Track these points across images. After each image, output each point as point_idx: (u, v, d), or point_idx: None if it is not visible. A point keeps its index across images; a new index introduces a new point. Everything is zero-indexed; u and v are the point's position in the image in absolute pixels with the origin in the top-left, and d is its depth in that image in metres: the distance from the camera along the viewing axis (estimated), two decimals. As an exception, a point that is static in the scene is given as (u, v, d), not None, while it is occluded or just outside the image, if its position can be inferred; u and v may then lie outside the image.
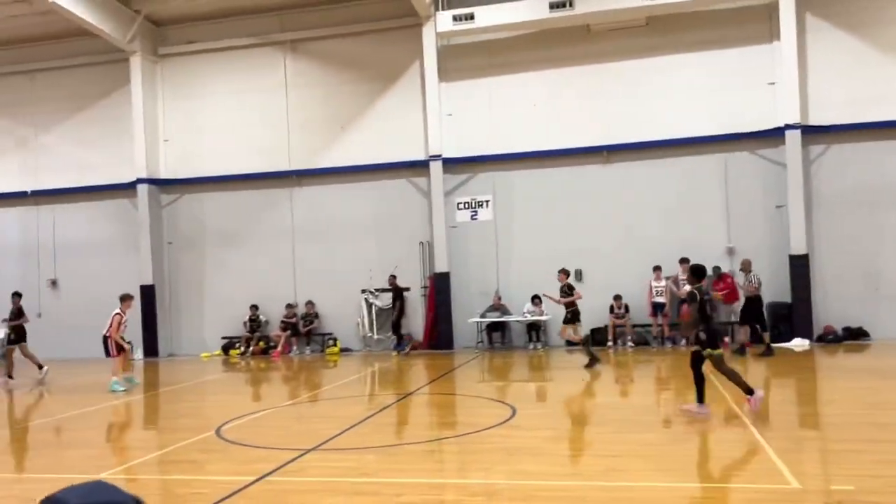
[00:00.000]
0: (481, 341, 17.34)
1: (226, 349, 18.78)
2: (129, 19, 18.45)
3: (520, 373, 13.72)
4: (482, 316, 17.23)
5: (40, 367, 14.75)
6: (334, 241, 18.54)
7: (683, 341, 15.90)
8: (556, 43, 17.32)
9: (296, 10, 18.71)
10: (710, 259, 15.32)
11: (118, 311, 13.10)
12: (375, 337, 17.99)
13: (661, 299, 16.13)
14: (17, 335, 14.89)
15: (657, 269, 16.16)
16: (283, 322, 18.39)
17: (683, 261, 15.46)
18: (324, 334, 18.54)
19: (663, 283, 16.07)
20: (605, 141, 17.01)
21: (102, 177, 19.58)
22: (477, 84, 17.83)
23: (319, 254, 18.61)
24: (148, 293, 18.83)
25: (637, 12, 16.48)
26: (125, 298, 13.29)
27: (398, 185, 18.38)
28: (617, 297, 16.48)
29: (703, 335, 8.27)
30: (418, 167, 18.02)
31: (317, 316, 18.50)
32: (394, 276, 17.43)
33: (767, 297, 15.98)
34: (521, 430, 8.09)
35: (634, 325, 16.63)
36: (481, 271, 17.76)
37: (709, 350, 8.23)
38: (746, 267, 14.29)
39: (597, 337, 16.60)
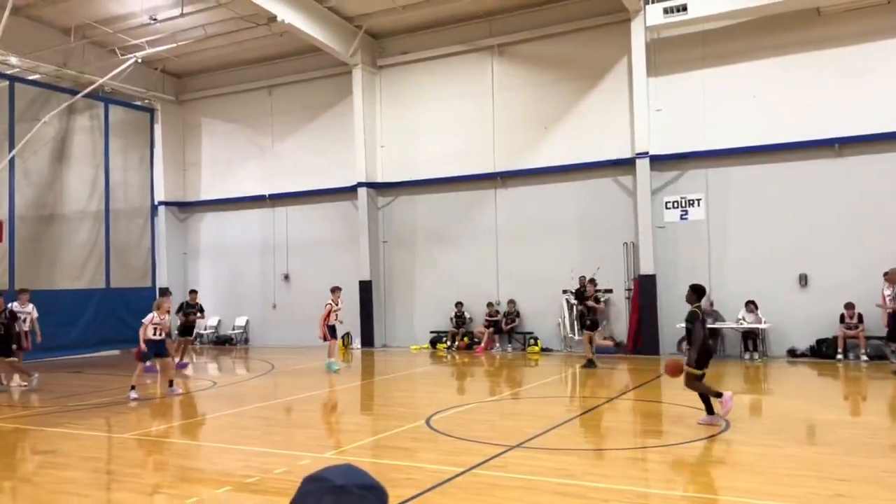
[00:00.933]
0: (690, 347, 16.52)
1: (433, 343, 19.68)
2: (351, 35, 19.98)
3: (734, 383, 12.88)
4: (691, 321, 16.40)
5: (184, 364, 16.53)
6: (537, 241, 18.67)
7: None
8: (780, 29, 16.02)
9: (504, 14, 19.11)
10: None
11: (329, 301, 15.08)
12: (577, 338, 17.86)
13: (902, 309, 14.26)
14: (188, 329, 16.74)
15: (890, 274, 14.30)
16: (486, 319, 18.90)
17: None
18: (525, 333, 18.75)
19: (905, 291, 14.21)
20: (836, 133, 15.44)
21: (328, 181, 21.39)
22: (689, 77, 17.02)
23: (522, 253, 18.85)
24: (365, 288, 20.28)
25: (878, -11, 14.78)
26: (335, 290, 15.28)
27: (603, 184, 18.08)
28: (849, 306, 14.89)
29: (694, 353, 8.47)
30: (624, 165, 17.60)
31: (518, 315, 18.76)
32: (583, 277, 17.21)
33: None
34: (735, 444, 7.63)
35: (869, 338, 14.91)
36: (691, 274, 16.83)
37: (690, 368, 8.44)
38: (894, 278, 12.69)
39: (823, 349, 15.16)
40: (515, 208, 19.09)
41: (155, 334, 11.94)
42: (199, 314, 17.17)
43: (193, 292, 17.79)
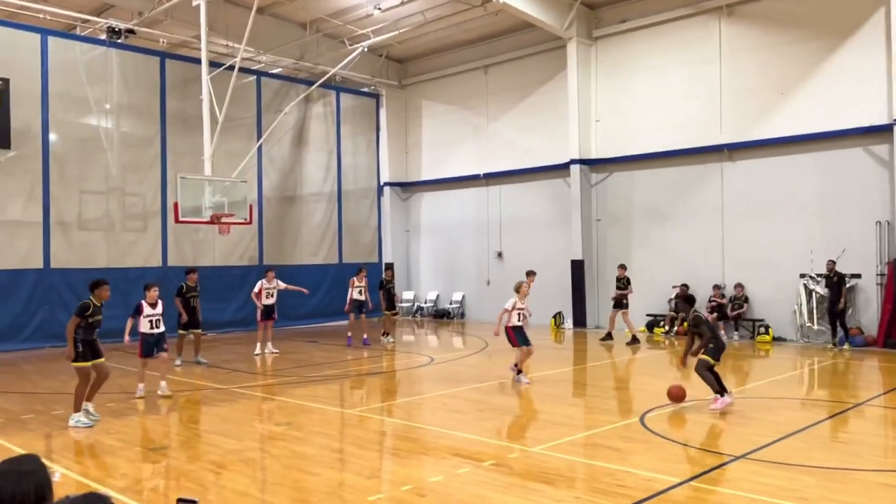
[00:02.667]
0: (960, 345, 14.19)
1: (650, 326, 18.87)
2: (566, 7, 19.48)
3: None
4: (963, 314, 14.06)
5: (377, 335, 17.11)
6: (769, 219, 17.04)
7: None
8: None
9: (734, -30, 17.48)
10: None
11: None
12: (815, 327, 16.11)
13: None
14: (391, 303, 17.37)
15: None
16: (709, 304, 17.70)
17: None
18: (754, 320, 17.28)
19: None
20: None
21: (540, 159, 21.25)
22: (967, 26, 14.40)
23: (752, 233, 17.32)
24: (577, 267, 19.94)
25: None
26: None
27: (850, 156, 15.97)
28: None
29: (711, 346, 9.23)
30: (879, 133, 15.39)
31: (746, 300, 17.32)
32: (831, 262, 15.38)
33: None
34: None
35: None
36: (963, 259, 14.47)
37: (705, 357, 9.21)
38: None
39: None
40: (745, 183, 17.55)
41: (519, 320, 11.45)
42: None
43: (389, 269, 18.63)
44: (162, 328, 10.65)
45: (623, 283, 17.06)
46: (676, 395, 9.42)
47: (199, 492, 6.20)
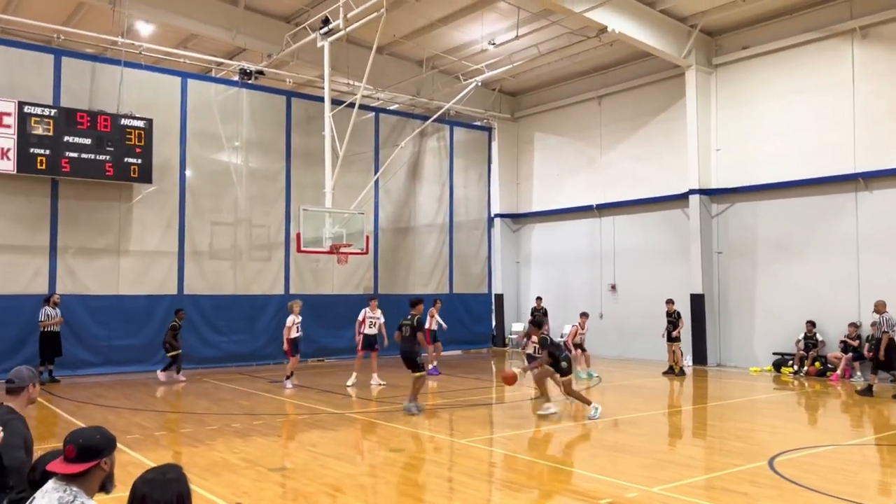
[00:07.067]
0: None
1: (777, 366, 17.77)
2: (684, 35, 19.04)
3: None
4: None
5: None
6: (913, 253, 15.74)
7: None
8: None
9: (867, -9, 16.53)
10: None
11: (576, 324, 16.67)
12: (970, 372, 14.61)
13: None
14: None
15: None
16: (843, 342, 16.49)
17: None
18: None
19: None
20: None
21: (656, 189, 20.70)
22: None
23: (891, 266, 16.06)
24: (697, 302, 19.13)
25: None
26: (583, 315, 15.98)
27: None
28: None
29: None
30: None
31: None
32: None
33: None
34: None
35: None
36: None
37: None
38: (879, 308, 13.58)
39: None
40: (882, 214, 16.35)
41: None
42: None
43: (539, 299, 18.65)
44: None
45: (674, 317, 17.58)
46: (508, 379, 11.09)
47: (317, 513, 6.34)
